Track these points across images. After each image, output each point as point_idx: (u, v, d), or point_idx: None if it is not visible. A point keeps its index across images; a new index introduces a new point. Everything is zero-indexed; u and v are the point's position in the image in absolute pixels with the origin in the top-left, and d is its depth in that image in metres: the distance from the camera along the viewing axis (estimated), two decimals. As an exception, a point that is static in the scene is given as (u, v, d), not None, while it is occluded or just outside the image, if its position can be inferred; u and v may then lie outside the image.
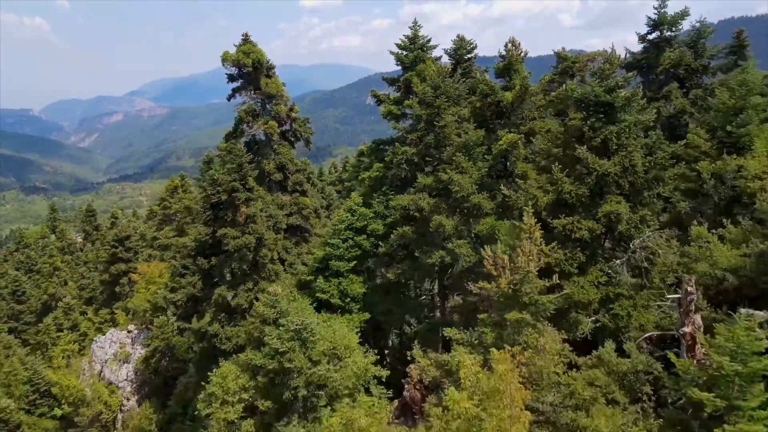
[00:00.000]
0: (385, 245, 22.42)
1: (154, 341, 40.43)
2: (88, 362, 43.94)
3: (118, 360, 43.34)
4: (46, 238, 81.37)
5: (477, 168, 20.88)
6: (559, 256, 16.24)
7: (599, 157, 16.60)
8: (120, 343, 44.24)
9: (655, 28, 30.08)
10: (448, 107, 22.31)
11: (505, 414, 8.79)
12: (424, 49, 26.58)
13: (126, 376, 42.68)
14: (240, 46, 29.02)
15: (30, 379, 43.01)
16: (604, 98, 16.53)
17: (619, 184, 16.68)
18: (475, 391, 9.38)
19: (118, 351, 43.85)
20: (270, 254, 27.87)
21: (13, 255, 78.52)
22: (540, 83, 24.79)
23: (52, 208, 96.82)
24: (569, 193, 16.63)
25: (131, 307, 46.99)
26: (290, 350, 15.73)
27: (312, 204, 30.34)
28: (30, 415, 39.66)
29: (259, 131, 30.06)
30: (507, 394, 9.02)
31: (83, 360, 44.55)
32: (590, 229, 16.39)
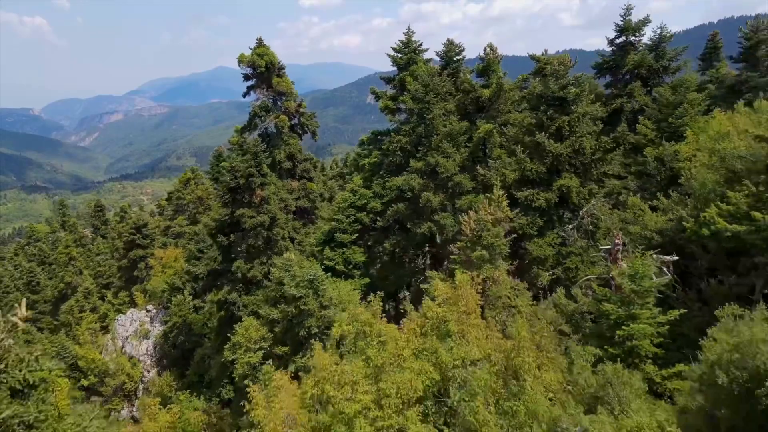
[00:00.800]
0: (383, 220, 26.38)
1: (173, 318, 44.32)
2: (111, 339, 47.88)
3: (138, 336, 47.26)
4: (57, 233, 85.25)
5: (460, 153, 24.82)
6: (522, 221, 20.21)
7: (555, 142, 20.55)
8: (140, 321, 48.14)
9: (622, 33, 33.92)
10: (436, 102, 26.23)
11: (461, 310, 12.66)
12: (416, 52, 30.50)
13: (146, 350, 46.63)
14: (254, 49, 32.93)
15: (58, 353, 46.85)
16: (558, 94, 20.47)
17: (571, 163, 20.63)
18: (441, 301, 13.24)
19: (139, 328, 47.75)
20: (281, 232, 31.78)
21: (24, 249, 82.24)
22: (517, 81, 28.74)
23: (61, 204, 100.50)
24: (530, 170, 20.60)
25: (149, 288, 50.89)
26: (305, 296, 19.68)
27: (318, 189, 34.26)
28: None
29: (271, 124, 33.94)
30: (464, 298, 12.88)
31: (106, 337, 48.47)
32: (547, 199, 20.36)
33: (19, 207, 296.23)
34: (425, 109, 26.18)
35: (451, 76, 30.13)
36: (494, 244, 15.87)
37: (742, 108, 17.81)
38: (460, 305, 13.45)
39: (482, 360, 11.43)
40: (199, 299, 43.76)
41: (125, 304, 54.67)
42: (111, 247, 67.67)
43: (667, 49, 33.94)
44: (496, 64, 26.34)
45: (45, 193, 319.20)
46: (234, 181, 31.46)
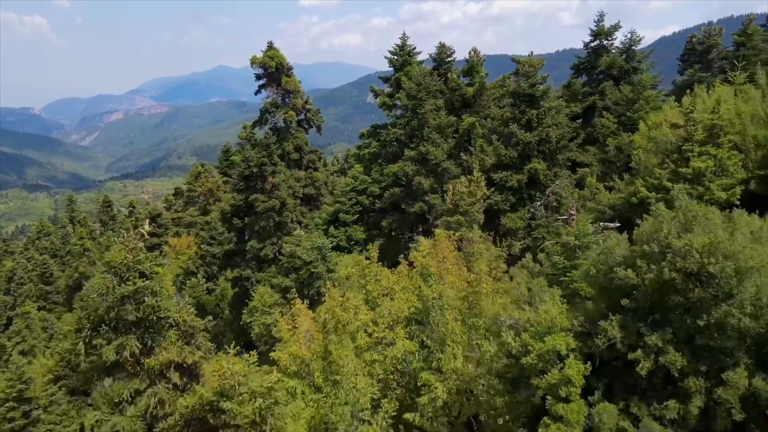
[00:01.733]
0: (381, 202, 30.20)
1: (187, 299, 48.14)
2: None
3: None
4: (66, 228, 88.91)
5: (447, 143, 28.63)
6: (498, 198, 24.04)
7: (525, 132, 24.37)
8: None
9: (596, 38, 37.71)
10: (427, 99, 30.01)
11: (439, 258, 16.39)
12: (410, 55, 34.32)
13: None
14: (266, 52, 36.73)
15: (82, 332, 50.80)
16: (527, 91, 24.30)
17: (539, 149, 24.46)
18: (425, 253, 16.98)
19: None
20: (290, 215, 35.56)
21: (35, 243, 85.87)
22: (499, 79, 32.54)
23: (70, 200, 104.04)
24: (505, 156, 24.43)
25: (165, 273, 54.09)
26: (315, 260, 23.49)
27: (322, 178, 38.07)
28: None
29: (280, 120, 37.73)
30: (441, 248, 16.61)
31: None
32: (519, 180, 24.19)
33: (21, 206, 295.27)
34: (418, 105, 29.96)
35: (442, 76, 33.94)
36: (469, 211, 19.68)
37: (672, 102, 21.58)
38: (438, 254, 17.27)
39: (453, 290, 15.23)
40: (212, 282, 47.54)
41: (141, 289, 58.27)
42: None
43: (636, 52, 37.80)
44: (479, 66, 30.18)
45: (46, 192, 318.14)
46: (248, 170, 35.23)
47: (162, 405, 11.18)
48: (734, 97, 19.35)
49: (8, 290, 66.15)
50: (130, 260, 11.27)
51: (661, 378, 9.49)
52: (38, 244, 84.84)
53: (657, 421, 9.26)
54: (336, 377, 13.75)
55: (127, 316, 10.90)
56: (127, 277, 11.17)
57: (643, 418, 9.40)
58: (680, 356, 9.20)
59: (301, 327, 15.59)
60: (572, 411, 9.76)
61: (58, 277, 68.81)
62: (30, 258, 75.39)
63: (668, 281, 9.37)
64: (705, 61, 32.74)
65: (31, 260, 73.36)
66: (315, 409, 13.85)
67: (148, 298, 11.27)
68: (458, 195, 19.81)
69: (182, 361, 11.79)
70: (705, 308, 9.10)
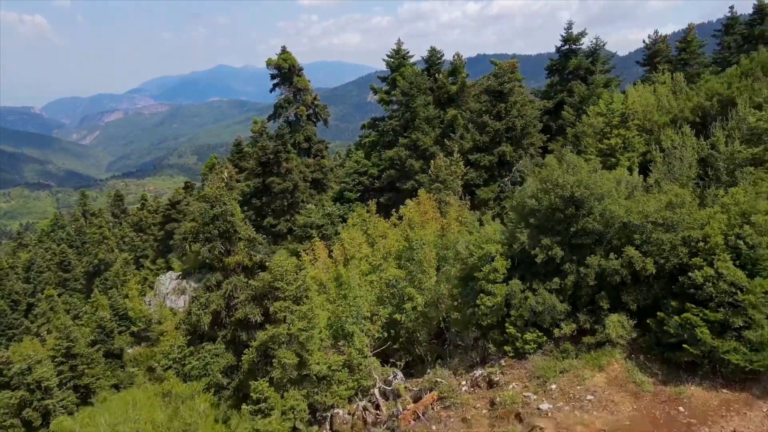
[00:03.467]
0: (379, 182, 36.03)
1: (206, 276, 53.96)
2: (153, 295, 57.33)
3: (176, 292, 56.67)
4: (79, 221, 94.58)
5: (434, 132, 34.48)
6: (473, 175, 29.89)
7: (495, 121, 30.22)
8: (178, 281, 57.52)
9: (566, 43, 43.55)
10: (418, 95, 35.82)
11: (422, 212, 22.09)
12: (405, 58, 40.17)
13: (183, 303, 56.15)
14: (280, 55, 42.56)
15: (111, 306, 56.55)
16: (497, 88, 30.16)
17: (506, 136, 30.29)
18: (412, 209, 22.74)
19: (176, 286, 57.15)
20: (301, 196, 41.40)
21: (49, 235, 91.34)
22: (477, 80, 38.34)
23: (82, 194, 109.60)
24: (479, 141, 30.28)
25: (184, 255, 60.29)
26: (326, 224, 29.32)
27: (329, 165, 43.90)
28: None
29: (292, 114, 43.55)
30: (422, 206, 22.32)
31: (149, 294, 57.89)
32: (490, 161, 30.02)
33: (23, 204, 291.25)
34: (410, 100, 35.78)
35: (431, 76, 39.80)
36: (447, 179, 25.49)
37: (606, 96, 27.33)
38: (421, 210, 23.18)
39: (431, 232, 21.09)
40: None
41: (162, 269, 64.11)
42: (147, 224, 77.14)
43: (601, 55, 43.64)
44: (461, 67, 36.03)
45: (48, 191, 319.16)
46: (265, 157, 41.10)
47: (236, 289, 16.97)
48: (653, 93, 25.13)
49: (27, 278, 71.82)
50: (217, 193, 16.99)
51: (551, 265, 15.27)
52: (53, 235, 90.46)
53: (547, 291, 15.05)
54: (345, 292, 19.61)
55: (214, 230, 16.62)
56: (215, 204, 16.89)
57: (539, 289, 15.18)
58: (561, 251, 14.98)
59: (320, 259, 21.47)
60: (498, 288, 15.57)
61: (75, 265, 74.38)
62: (48, 248, 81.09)
63: (555, 205, 15.18)
64: (652, 64, 38.58)
65: (49, 250, 79.00)
66: (331, 313, 19.70)
67: (228, 218, 17.04)
68: (438, 168, 25.66)
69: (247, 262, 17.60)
70: (575, 220, 14.90)
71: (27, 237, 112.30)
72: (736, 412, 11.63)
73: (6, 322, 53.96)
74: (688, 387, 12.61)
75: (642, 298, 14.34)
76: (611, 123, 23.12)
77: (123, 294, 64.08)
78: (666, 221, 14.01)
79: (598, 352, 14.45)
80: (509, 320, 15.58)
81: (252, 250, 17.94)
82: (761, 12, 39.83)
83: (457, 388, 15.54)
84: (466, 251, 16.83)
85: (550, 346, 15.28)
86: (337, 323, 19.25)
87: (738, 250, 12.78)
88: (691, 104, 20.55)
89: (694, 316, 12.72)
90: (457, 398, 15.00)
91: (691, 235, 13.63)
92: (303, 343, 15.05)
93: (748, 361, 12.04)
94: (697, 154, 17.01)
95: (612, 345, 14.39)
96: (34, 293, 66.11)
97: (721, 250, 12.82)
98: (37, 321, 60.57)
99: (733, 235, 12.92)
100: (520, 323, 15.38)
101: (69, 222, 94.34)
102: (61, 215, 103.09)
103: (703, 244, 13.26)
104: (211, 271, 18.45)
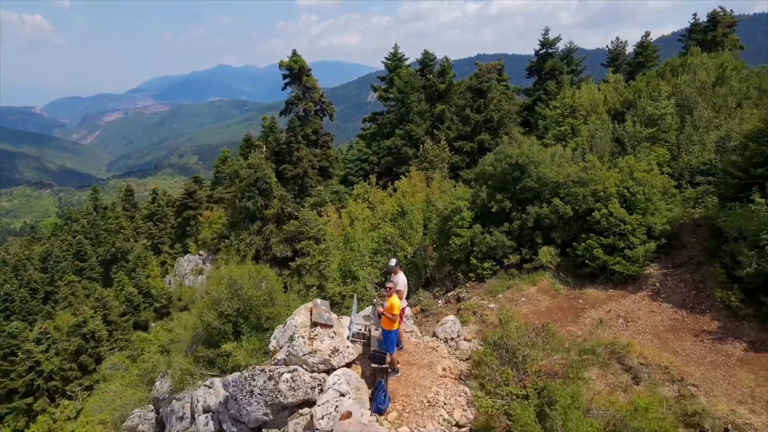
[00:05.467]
0: (378, 167, 41.83)
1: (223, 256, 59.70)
2: (173, 275, 63.07)
3: (194, 272, 62.41)
4: (91, 215, 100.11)
5: (425, 124, 40.27)
6: (457, 159, 35.71)
7: (476, 114, 36.05)
8: (195, 263, 63.23)
9: (543, 47, 49.42)
10: (412, 93, 41.64)
11: (413, 185, 27.82)
12: (401, 60, 46.01)
13: (201, 283, 62.00)
14: (291, 57, 48.32)
15: (136, 284, 62.34)
16: (477, 86, 36.01)
17: (485, 126, 36.12)
18: (404, 183, 28.52)
19: (194, 267, 62.87)
20: (310, 182, 47.14)
21: (63, 228, 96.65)
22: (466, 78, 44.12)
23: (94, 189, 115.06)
24: (462, 130, 36.12)
25: (200, 239, 66.04)
26: (333, 200, 35.11)
27: (334, 154, 49.72)
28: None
29: (301, 109, 49.33)
30: (413, 180, 28.04)
31: (169, 275, 63.64)
32: (471, 147, 35.85)
33: (25, 203, 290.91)
34: (405, 97, 41.60)
35: (424, 76, 45.62)
36: (433, 161, 31.34)
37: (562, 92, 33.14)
38: (411, 183, 29.03)
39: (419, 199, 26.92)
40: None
41: (180, 253, 69.85)
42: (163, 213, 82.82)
43: (574, 58, 49.50)
44: (449, 69, 41.89)
45: (50, 190, 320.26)
46: (278, 147, 46.88)
47: (272, 233, 22.71)
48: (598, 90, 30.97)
49: (44, 269, 77.25)
50: (258, 162, 22.70)
51: (503, 214, 21.07)
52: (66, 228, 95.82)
53: (499, 232, 20.87)
54: (352, 245, 25.45)
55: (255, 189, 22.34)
56: (257, 170, 22.65)
57: (494, 231, 20.98)
58: (509, 203, 20.79)
59: (331, 219, 27.31)
60: (464, 232, 21.39)
61: (90, 255, 79.79)
62: (64, 240, 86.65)
63: (505, 170, 20.99)
64: (614, 66, 44.45)
65: (65, 242, 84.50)
66: (341, 259, 25.53)
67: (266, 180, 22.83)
68: (426, 151, 31.52)
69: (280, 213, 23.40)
70: (519, 181, 20.71)
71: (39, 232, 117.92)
72: (615, 301, 17.46)
73: (27, 308, 59.07)
74: (588, 289, 18.44)
75: (564, 234, 20.15)
76: (563, 113, 28.96)
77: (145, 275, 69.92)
78: (581, 180, 19.82)
79: (533, 274, 20.25)
80: (473, 255, 21.39)
81: (283, 204, 23.71)
82: (713, 20, 45.82)
83: (435, 303, 21.38)
84: (443, 206, 22.67)
85: (501, 272, 21.12)
86: (345, 267, 25.08)
87: (624, 196, 18.60)
88: (621, 98, 26.38)
89: (594, 242, 18.53)
90: (434, 309, 20.84)
91: (596, 188, 19.44)
92: (321, 272, 20.83)
93: (627, 269, 17.83)
94: (612, 134, 22.84)
95: (544, 269, 20.19)
96: (52, 282, 70.47)
97: (614, 197, 18.65)
98: (60, 305, 66.11)
99: (622, 186, 18.74)
100: (480, 256, 21.20)
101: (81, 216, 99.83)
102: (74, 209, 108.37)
103: (602, 194, 19.09)
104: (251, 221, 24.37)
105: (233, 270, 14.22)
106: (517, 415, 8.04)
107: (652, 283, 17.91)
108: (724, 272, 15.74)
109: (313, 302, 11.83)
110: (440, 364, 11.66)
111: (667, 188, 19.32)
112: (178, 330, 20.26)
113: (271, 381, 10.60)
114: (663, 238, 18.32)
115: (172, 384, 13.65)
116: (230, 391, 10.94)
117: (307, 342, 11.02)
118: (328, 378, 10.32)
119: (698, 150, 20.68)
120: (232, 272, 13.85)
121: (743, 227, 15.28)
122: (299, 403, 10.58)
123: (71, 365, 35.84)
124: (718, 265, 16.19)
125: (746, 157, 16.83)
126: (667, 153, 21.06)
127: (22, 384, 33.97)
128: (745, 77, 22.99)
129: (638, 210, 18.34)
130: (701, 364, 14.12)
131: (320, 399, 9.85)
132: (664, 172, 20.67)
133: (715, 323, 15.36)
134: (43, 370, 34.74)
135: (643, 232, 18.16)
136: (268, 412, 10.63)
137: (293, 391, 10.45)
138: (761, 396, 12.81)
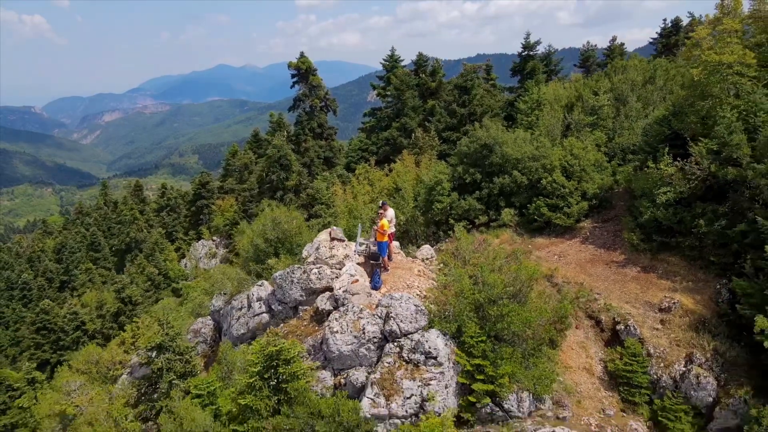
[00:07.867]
0: (377, 156, 47.50)
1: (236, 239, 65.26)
2: (189, 259, 68.69)
3: (209, 256, 67.99)
4: (102, 209, 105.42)
5: (418, 117, 45.94)
6: (445, 147, 41.41)
7: (460, 108, 41.71)
8: (209, 247, 68.78)
9: (525, 49, 55.03)
10: (407, 90, 47.29)
11: (406, 165, 33.27)
12: (397, 61, 51.71)
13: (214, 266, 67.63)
14: (299, 59, 54.03)
15: (156, 266, 67.86)
16: (462, 84, 41.69)
17: (469, 118, 41.80)
18: (399, 165, 34.03)
19: (208, 251, 68.42)
20: (316, 170, 52.78)
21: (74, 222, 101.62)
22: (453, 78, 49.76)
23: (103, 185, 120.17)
24: (449, 122, 41.81)
25: (213, 226, 71.54)
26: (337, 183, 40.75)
27: (337, 146, 55.46)
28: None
29: (308, 105, 55.01)
30: (406, 162, 33.54)
31: (185, 259, 69.25)
32: (457, 136, 41.52)
33: (27, 202, 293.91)
34: (401, 94, 47.25)
35: (418, 75, 51.24)
36: (423, 146, 36.98)
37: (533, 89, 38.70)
38: (405, 164, 34.72)
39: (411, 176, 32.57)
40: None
41: (194, 239, 75.38)
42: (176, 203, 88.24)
43: (553, 59, 55.15)
44: (439, 69, 47.60)
45: (51, 189, 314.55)
46: (288, 138, 52.51)
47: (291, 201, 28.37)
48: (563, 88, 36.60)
49: (59, 260, 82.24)
50: (281, 143, 28.20)
51: (475, 185, 26.70)
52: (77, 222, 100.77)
53: (472, 199, 26.48)
54: (356, 214, 31.08)
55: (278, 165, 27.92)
56: (279, 150, 28.20)
57: (467, 198, 26.60)
58: (480, 176, 26.42)
59: (338, 194, 32.97)
60: (444, 198, 27.04)
61: (104, 246, 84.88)
62: (77, 232, 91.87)
63: (479, 149, 26.62)
64: (585, 66, 50.15)
65: (79, 234, 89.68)
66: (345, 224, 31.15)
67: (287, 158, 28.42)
68: (417, 138, 37.20)
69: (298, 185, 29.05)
70: (487, 158, 26.33)
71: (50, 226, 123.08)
72: (555, 246, 23.14)
73: (44, 295, 63.60)
74: (537, 239, 24.11)
75: (522, 199, 25.78)
76: (532, 107, 34.62)
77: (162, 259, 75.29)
78: (534, 156, 25.46)
79: (497, 230, 25.87)
80: (451, 216, 27.02)
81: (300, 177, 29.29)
82: (677, 25, 51.56)
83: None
84: (428, 179, 28.34)
85: (473, 230, 26.77)
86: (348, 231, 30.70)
87: (565, 168, 24.24)
88: (575, 93, 32.08)
89: (541, 203, 24.19)
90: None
91: (545, 162, 25.09)
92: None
93: (565, 222, 23.46)
94: (563, 121, 28.54)
95: (506, 226, 25.81)
96: (67, 271, 74.65)
97: (557, 168, 24.30)
98: (79, 291, 71.36)
99: (564, 160, 24.39)
100: (456, 218, 26.83)
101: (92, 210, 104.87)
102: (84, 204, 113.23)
103: (549, 166, 24.74)
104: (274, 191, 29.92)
105: (274, 210, 19.77)
106: (458, 275, 13.71)
107: (584, 233, 23.61)
108: (632, 220, 21.40)
109: (331, 228, 17.49)
110: (417, 268, 17.34)
111: (600, 162, 24.96)
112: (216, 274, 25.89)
113: (305, 274, 16.26)
114: (594, 200, 23.99)
115: (231, 290, 18.97)
116: (278, 282, 16.50)
117: (328, 250, 16.70)
118: (343, 268, 15.99)
119: (628, 134, 26.32)
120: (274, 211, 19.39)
121: (644, 187, 20.97)
122: (323, 288, 16.24)
123: (112, 324, 41.40)
124: (629, 216, 21.87)
125: (652, 135, 22.52)
126: (604, 136, 26.73)
127: (69, 340, 39.53)
128: (671, 77, 28.56)
129: (575, 178, 23.98)
130: (606, 281, 19.84)
131: (337, 281, 15.51)
132: (602, 150, 26.34)
133: (622, 256, 21.05)
134: (88, 329, 40.29)
135: (578, 195, 23.83)
136: (303, 294, 16.29)
137: (319, 280, 16.11)
138: (642, 298, 18.53)
